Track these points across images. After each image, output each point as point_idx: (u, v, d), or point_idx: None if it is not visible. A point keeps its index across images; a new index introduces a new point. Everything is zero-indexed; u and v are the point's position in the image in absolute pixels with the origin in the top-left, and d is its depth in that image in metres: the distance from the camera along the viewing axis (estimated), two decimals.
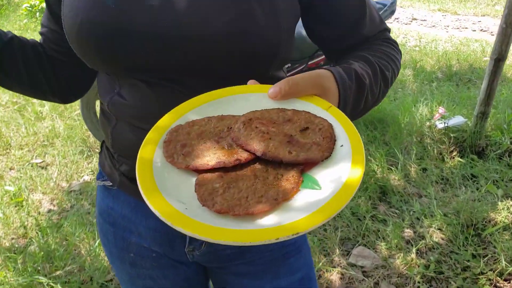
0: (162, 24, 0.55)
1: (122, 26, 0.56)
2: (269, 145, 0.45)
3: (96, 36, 0.57)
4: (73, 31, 0.59)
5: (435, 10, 8.16)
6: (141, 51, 0.57)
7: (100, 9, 0.56)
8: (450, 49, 4.99)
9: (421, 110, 3.20)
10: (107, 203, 0.80)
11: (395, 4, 2.92)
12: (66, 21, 0.61)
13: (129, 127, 0.66)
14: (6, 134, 2.93)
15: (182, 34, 0.55)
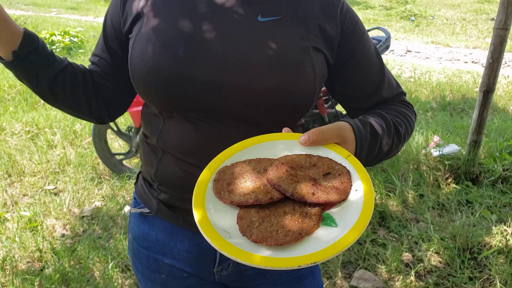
0: (222, 74, 0.68)
1: (187, 74, 0.69)
2: (296, 187, 0.56)
3: (162, 80, 0.69)
4: (141, 75, 0.71)
5: (428, 42, 8.48)
6: (198, 95, 0.69)
7: (170, 58, 0.68)
8: (443, 80, 5.21)
9: (417, 138, 3.34)
10: (142, 229, 0.89)
11: (389, 39, 3.12)
12: (135, 64, 0.72)
13: (175, 160, 0.77)
14: (20, 161, 3.05)
15: (237, 85, 0.68)
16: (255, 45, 0.70)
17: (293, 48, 0.71)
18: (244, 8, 0.72)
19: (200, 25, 0.70)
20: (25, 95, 4.53)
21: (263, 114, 0.71)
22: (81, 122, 3.74)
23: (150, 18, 0.73)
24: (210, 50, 0.69)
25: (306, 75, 0.70)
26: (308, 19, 0.74)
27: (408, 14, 12.68)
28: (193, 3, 0.73)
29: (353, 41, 0.78)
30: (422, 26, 10.96)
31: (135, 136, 2.87)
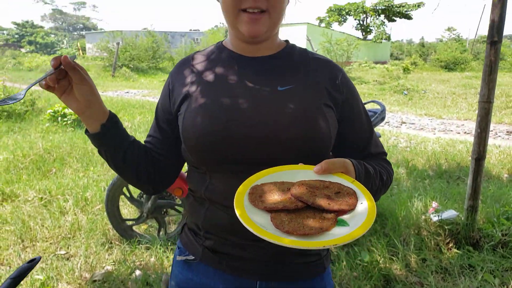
0: (255, 131, 0.88)
1: (229, 135, 0.88)
2: (315, 198, 0.74)
3: (211, 142, 0.89)
4: (193, 140, 0.91)
5: (422, 114, 8.89)
6: (238, 150, 0.88)
7: (216, 125, 0.89)
8: (438, 150, 5.44)
9: (416, 204, 3.47)
10: (186, 275, 1.01)
11: (384, 112, 3.38)
12: (188, 132, 0.92)
13: (221, 208, 0.93)
14: (33, 227, 3.14)
15: (268, 137, 0.88)
16: (278, 108, 0.90)
17: (308, 106, 0.92)
18: (267, 82, 0.94)
19: (236, 98, 0.92)
20: (38, 164, 4.73)
21: (290, 160, 0.88)
22: (92, 189, 3.88)
23: (196, 97, 0.94)
24: (245, 115, 0.89)
25: (321, 125, 0.90)
26: (317, 84, 0.96)
27: (401, 88, 13.36)
28: (227, 83, 0.95)
29: (350, 103, 0.99)
30: (415, 99, 11.52)
31: (147, 202, 2.99)
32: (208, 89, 0.95)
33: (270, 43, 0.99)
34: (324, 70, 0.99)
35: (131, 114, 8.17)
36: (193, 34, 36.82)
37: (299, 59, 1.00)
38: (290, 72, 0.97)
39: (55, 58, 0.81)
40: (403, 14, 33.51)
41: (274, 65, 0.97)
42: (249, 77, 0.95)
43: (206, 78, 0.97)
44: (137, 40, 21.62)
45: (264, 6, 0.88)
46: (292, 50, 1.02)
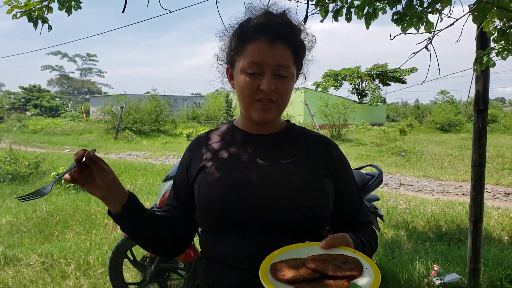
0: (262, 201, 1.01)
1: (240, 205, 1.02)
2: (328, 268, 0.86)
3: (224, 211, 1.02)
4: (209, 209, 1.04)
5: (420, 176, 9.00)
6: (249, 218, 1.01)
7: (229, 197, 1.03)
8: (437, 211, 5.49)
9: (418, 267, 3.48)
10: None
11: (382, 175, 3.50)
12: (204, 202, 1.06)
13: (230, 269, 1.04)
14: None
15: (273, 206, 1.01)
16: (281, 180, 1.06)
17: (308, 177, 1.07)
18: (272, 157, 1.11)
19: (246, 172, 1.07)
20: (41, 227, 4.75)
21: (293, 226, 1.02)
22: (94, 252, 3.89)
23: (212, 170, 1.09)
24: (254, 187, 1.04)
25: (320, 194, 1.05)
26: (315, 158, 1.13)
27: (398, 150, 13.60)
28: (239, 159, 1.11)
29: (343, 177, 1.15)
30: (412, 161, 11.69)
31: (150, 266, 3.01)
32: (223, 164, 1.10)
33: (275, 123, 1.18)
34: (321, 146, 1.16)
35: (133, 176, 8.29)
36: (195, 98, 37.97)
37: (298, 136, 1.18)
38: (291, 147, 1.14)
39: (77, 153, 0.94)
40: (397, 78, 34.82)
41: (278, 142, 1.15)
42: (257, 153, 1.12)
43: (220, 155, 1.13)
44: (140, 104, 22.30)
45: (274, 98, 1.06)
46: (292, 128, 1.21)
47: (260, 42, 1.05)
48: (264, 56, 1.04)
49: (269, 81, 1.04)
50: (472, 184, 3.21)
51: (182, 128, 22.76)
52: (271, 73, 1.05)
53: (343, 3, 3.15)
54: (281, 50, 1.05)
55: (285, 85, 1.08)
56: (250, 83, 1.06)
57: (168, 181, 2.98)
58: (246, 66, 1.06)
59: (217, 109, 25.35)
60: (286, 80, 1.07)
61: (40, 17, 3.07)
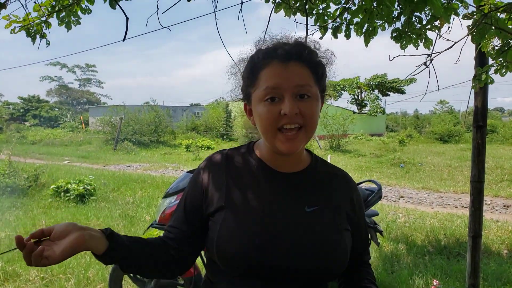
0: (288, 253, 0.97)
1: (263, 254, 0.97)
2: None
3: (248, 264, 0.97)
4: (228, 255, 0.98)
5: (419, 188, 9.01)
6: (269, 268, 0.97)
7: (250, 248, 0.97)
8: (436, 225, 5.49)
9: (418, 282, 3.48)
10: None
11: (381, 191, 3.52)
12: (224, 247, 0.99)
13: None
14: None
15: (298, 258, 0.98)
16: (306, 230, 1.01)
17: (331, 231, 1.03)
18: (296, 202, 1.04)
19: (270, 219, 1.01)
20: None
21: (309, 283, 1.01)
22: (94, 268, 3.88)
23: (233, 212, 1.02)
24: (277, 238, 0.99)
25: (341, 249, 1.03)
26: (339, 207, 1.08)
27: (397, 161, 13.61)
28: (262, 200, 1.04)
29: (358, 219, 1.13)
30: (411, 172, 11.71)
31: (150, 282, 3.01)
32: (245, 206, 1.03)
33: (299, 157, 1.10)
34: (344, 191, 1.12)
35: (133, 189, 8.28)
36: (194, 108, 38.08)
37: (322, 176, 1.12)
38: (315, 191, 1.08)
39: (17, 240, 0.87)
40: (396, 89, 35.01)
41: (302, 184, 1.08)
42: (281, 195, 1.05)
43: (242, 192, 1.05)
44: (140, 115, 22.35)
45: (300, 122, 0.96)
46: (315, 164, 1.13)
47: (273, 66, 0.98)
48: (279, 78, 0.96)
49: (290, 103, 0.95)
50: (471, 200, 3.23)
51: (182, 139, 22.78)
52: (291, 96, 0.96)
53: (342, 20, 3.20)
54: (297, 68, 0.97)
55: (310, 106, 0.98)
56: (270, 110, 0.97)
57: (167, 197, 2.99)
58: (262, 94, 0.98)
59: (216, 120, 25.38)
60: (309, 101, 0.98)
61: (38, 32, 3.11)
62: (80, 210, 6.25)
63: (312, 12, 3.17)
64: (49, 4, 2.81)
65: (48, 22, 3.07)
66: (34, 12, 2.81)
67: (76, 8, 2.86)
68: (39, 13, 2.83)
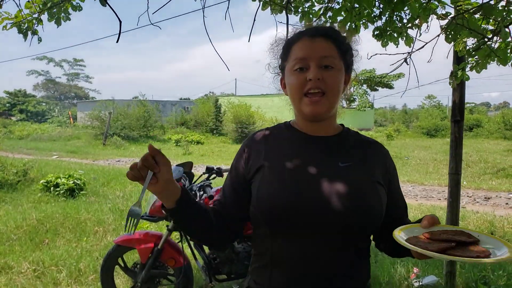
0: (324, 203, 1.05)
1: (297, 206, 1.05)
2: (455, 237, 0.96)
3: (283, 210, 1.05)
4: (267, 208, 1.07)
5: (404, 181, 9.21)
6: (306, 219, 1.04)
7: (287, 197, 1.06)
8: (419, 216, 5.65)
9: (399, 270, 3.63)
10: None
11: None
12: (262, 201, 1.08)
13: (284, 271, 1.08)
14: None
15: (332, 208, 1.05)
16: (340, 181, 1.08)
17: (363, 183, 1.11)
18: (330, 159, 1.14)
19: (304, 173, 1.10)
20: (31, 235, 4.80)
21: (349, 227, 1.07)
22: (85, 259, 3.96)
23: (270, 170, 1.13)
24: (312, 188, 1.08)
25: (373, 200, 1.09)
26: (371, 163, 1.16)
27: None
28: (297, 159, 1.13)
29: (393, 180, 1.22)
30: (398, 166, 11.87)
31: (140, 272, 3.10)
32: (282, 165, 1.13)
33: (329, 124, 1.20)
34: (376, 153, 1.21)
35: (123, 183, 8.34)
36: (183, 103, 37.97)
37: (354, 141, 1.22)
38: (348, 151, 1.17)
39: (146, 156, 1.01)
40: (385, 84, 35.34)
41: (335, 145, 1.18)
42: (315, 154, 1.15)
43: (279, 154, 1.16)
44: (129, 110, 22.27)
45: (322, 88, 1.09)
46: (348, 132, 1.24)
47: (302, 40, 1.14)
48: (307, 50, 1.11)
49: (314, 70, 1.09)
50: (449, 191, 3.38)
51: (171, 133, 22.79)
52: (316, 65, 1.10)
53: (327, 18, 3.31)
54: (323, 43, 1.12)
55: (332, 75, 1.11)
56: (298, 77, 1.11)
57: None
58: (292, 65, 1.13)
59: (206, 115, 25.40)
60: (332, 71, 1.11)
61: (30, 29, 3.15)
62: (70, 204, 6.30)
63: (298, 11, 3.27)
64: (40, 2, 2.86)
65: (39, 19, 3.12)
66: (26, 9, 2.87)
67: (67, 5, 2.92)
68: (31, 10, 2.89)
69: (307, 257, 1.07)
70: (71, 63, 59.22)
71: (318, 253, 1.06)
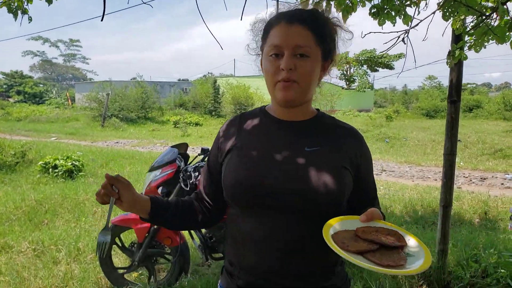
0: (283, 185, 1.08)
1: (261, 185, 1.09)
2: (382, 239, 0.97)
3: (245, 190, 1.10)
4: (231, 187, 1.13)
5: (402, 162, 9.25)
6: (268, 199, 1.08)
7: (251, 177, 1.10)
8: (415, 196, 5.73)
9: None
10: None
11: None
12: (228, 180, 1.14)
13: (252, 248, 1.13)
14: (27, 278, 3.26)
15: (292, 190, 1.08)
16: (304, 166, 1.10)
17: (328, 167, 1.11)
18: (296, 142, 1.15)
19: (270, 156, 1.14)
20: (31, 215, 4.86)
21: (308, 210, 1.09)
22: (84, 239, 4.02)
23: (238, 152, 1.17)
24: (276, 171, 1.10)
25: (336, 185, 1.10)
26: (340, 149, 1.16)
27: (383, 136, 13.88)
28: (265, 142, 1.17)
29: (364, 168, 1.22)
30: (396, 147, 11.98)
31: (138, 251, 3.15)
32: (250, 148, 1.17)
33: (303, 110, 1.20)
34: (349, 140, 1.20)
35: (121, 164, 8.37)
36: (182, 84, 37.73)
37: (327, 125, 1.21)
38: (318, 136, 1.17)
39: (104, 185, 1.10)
40: (385, 64, 35.11)
41: (305, 129, 1.19)
42: (283, 138, 1.17)
43: (249, 138, 1.20)
44: (126, 91, 22.16)
45: (295, 78, 1.10)
46: (322, 117, 1.24)
47: (280, 26, 1.11)
48: (281, 38, 1.10)
49: (287, 60, 1.08)
50: (443, 172, 3.40)
51: (170, 115, 22.72)
52: (291, 54, 1.09)
53: None
54: (298, 30, 1.09)
55: (306, 65, 1.10)
56: (272, 64, 1.11)
57: (153, 171, 3.10)
58: (268, 50, 1.13)
59: (205, 96, 25.28)
60: (307, 60, 1.10)
61: (19, 8, 3.11)
62: (69, 185, 6.34)
63: None
64: None
65: None
66: None
67: None
68: None
69: (274, 237, 1.10)
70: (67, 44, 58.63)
71: (284, 233, 1.09)
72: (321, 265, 1.16)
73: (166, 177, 3.04)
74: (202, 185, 1.29)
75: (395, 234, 1.00)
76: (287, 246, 1.10)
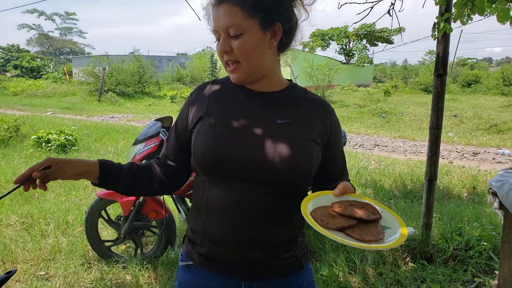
0: (252, 155, 1.07)
1: (230, 154, 1.08)
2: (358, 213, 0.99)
3: (215, 158, 1.09)
4: (201, 155, 1.11)
5: (396, 137, 9.25)
6: (238, 169, 1.07)
7: (220, 145, 1.09)
8: (406, 171, 5.75)
9: None
10: (187, 277, 1.21)
11: (345, 136, 3.67)
12: (198, 148, 1.12)
13: (217, 217, 1.12)
14: (14, 250, 3.30)
15: (261, 161, 1.07)
16: (274, 138, 1.10)
17: (299, 141, 1.11)
18: (268, 114, 1.15)
19: (239, 126, 1.12)
20: (21, 189, 4.86)
21: (277, 182, 1.10)
22: (73, 213, 4.05)
23: (209, 120, 1.15)
24: (245, 140, 1.10)
25: (305, 158, 1.11)
26: (310, 122, 1.17)
27: (379, 111, 13.82)
28: (236, 112, 1.16)
29: (334, 141, 1.22)
30: (392, 122, 11.95)
31: (124, 224, 3.19)
32: (220, 116, 1.15)
33: (270, 81, 1.19)
34: (318, 111, 1.21)
35: (115, 139, 8.37)
36: (180, 58, 37.32)
37: (298, 97, 1.21)
38: (289, 108, 1.17)
39: (16, 180, 1.04)
40: (385, 38, 34.60)
41: (277, 101, 1.18)
42: (255, 109, 1.16)
43: (220, 107, 1.17)
44: (123, 65, 21.93)
45: (234, 58, 1.09)
46: (293, 89, 1.23)
47: (213, 10, 1.10)
48: (214, 22, 1.09)
49: (221, 43, 1.09)
50: (429, 146, 3.40)
51: (167, 90, 22.58)
52: (226, 36, 1.08)
53: None
54: (225, 10, 1.07)
55: (241, 44, 1.07)
56: (218, 49, 1.12)
57: (137, 144, 3.09)
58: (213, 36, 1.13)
59: (202, 70, 25.06)
60: (241, 38, 1.07)
61: None
62: None
63: None
64: None
65: None
66: None
67: None
68: None
69: (242, 207, 1.10)
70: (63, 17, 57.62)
71: (253, 204, 1.09)
72: (286, 236, 1.17)
73: (150, 150, 3.04)
74: (167, 150, 1.27)
75: (369, 207, 1.02)
76: (256, 217, 1.10)
